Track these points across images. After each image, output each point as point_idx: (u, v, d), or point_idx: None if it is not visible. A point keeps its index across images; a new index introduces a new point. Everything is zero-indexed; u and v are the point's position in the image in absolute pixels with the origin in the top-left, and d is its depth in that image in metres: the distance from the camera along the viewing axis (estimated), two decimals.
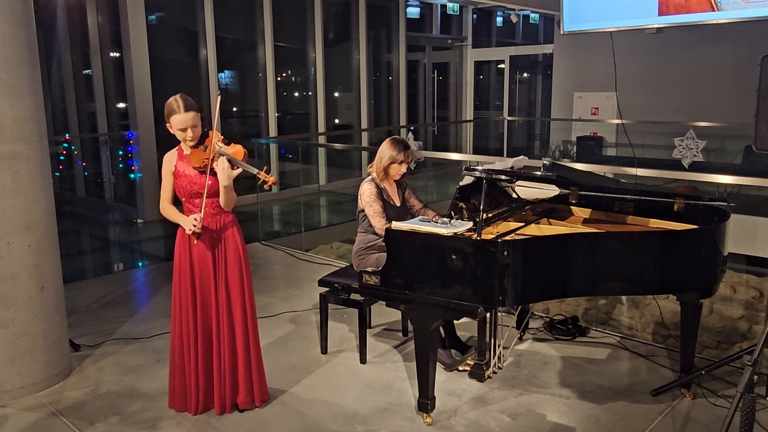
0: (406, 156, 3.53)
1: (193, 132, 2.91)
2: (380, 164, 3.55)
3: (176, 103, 2.88)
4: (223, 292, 3.00)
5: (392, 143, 3.55)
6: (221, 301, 3.00)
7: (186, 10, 8.48)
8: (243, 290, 3.04)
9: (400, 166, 3.54)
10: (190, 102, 2.91)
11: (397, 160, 3.52)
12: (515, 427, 3.01)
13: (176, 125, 2.89)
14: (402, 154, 3.52)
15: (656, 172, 4.51)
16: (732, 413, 2.25)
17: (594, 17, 4.84)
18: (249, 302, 3.07)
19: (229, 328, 3.02)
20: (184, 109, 2.87)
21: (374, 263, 3.38)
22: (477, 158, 6.76)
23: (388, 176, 3.59)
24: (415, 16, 12.11)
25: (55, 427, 3.05)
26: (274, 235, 7.17)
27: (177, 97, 2.90)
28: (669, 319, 4.42)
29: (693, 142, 6.87)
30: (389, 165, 3.53)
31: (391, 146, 3.54)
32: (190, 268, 2.98)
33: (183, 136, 2.92)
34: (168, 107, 2.90)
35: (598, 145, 10.78)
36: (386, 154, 3.53)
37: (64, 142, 9.17)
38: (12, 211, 3.21)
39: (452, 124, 13.19)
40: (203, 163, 2.89)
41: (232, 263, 3.01)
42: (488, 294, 2.72)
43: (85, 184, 9.36)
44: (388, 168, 3.54)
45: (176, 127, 2.90)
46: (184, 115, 2.87)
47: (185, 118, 2.88)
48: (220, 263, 3.00)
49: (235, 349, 3.05)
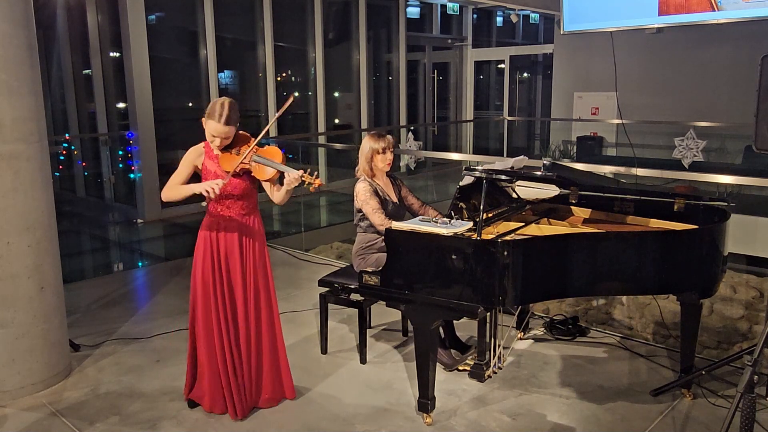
0: (386, 143, 3.53)
1: (221, 143, 2.86)
2: (364, 161, 3.55)
3: (221, 110, 2.79)
4: (251, 292, 3.01)
5: (369, 136, 3.56)
6: (249, 301, 3.01)
7: (186, 10, 8.48)
8: (269, 290, 3.07)
9: (384, 156, 3.53)
10: (235, 116, 2.83)
11: (378, 150, 3.51)
12: (515, 427, 3.01)
13: (210, 130, 2.84)
14: (381, 141, 3.52)
15: (656, 172, 4.51)
16: (732, 413, 2.25)
17: (594, 17, 4.83)
18: (274, 303, 3.10)
19: (256, 328, 3.04)
20: (225, 122, 2.80)
21: (374, 263, 3.38)
22: (477, 158, 6.76)
23: (377, 171, 3.58)
24: (415, 16, 12.10)
25: (55, 427, 3.05)
26: (274, 235, 7.17)
27: (225, 104, 2.81)
28: (669, 319, 4.42)
29: (693, 142, 6.87)
30: (373, 157, 3.53)
31: (368, 139, 3.55)
32: (218, 266, 2.95)
33: (211, 140, 2.87)
34: (211, 107, 2.82)
35: (598, 145, 10.78)
36: (366, 148, 3.53)
37: (64, 142, 9.17)
38: (12, 211, 3.21)
39: (452, 124, 13.19)
40: (239, 168, 2.84)
41: (259, 264, 3.03)
42: (488, 294, 2.72)
43: (85, 184, 9.36)
44: (373, 161, 3.54)
45: (210, 131, 2.84)
46: (222, 127, 2.81)
47: (221, 129, 2.81)
48: (247, 265, 3.00)
49: (261, 349, 3.06)
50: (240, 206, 2.97)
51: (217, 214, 2.97)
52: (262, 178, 2.90)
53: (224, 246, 2.96)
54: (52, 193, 3.48)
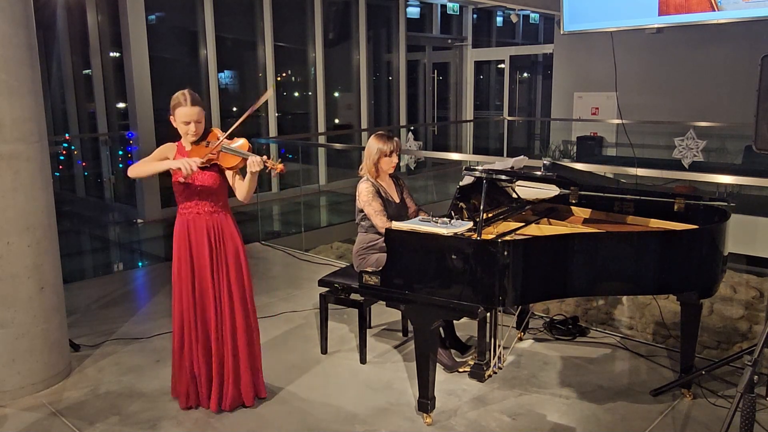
0: (393, 145, 3.53)
1: (196, 127, 2.93)
2: (370, 161, 3.54)
3: (183, 96, 2.90)
4: (224, 289, 3.01)
5: (376, 137, 3.55)
6: (221, 299, 3.01)
7: (186, 10, 8.48)
8: (243, 288, 3.06)
9: (390, 158, 3.53)
10: (197, 97, 2.94)
11: (386, 152, 3.51)
12: (515, 427, 3.01)
13: (180, 118, 2.91)
14: (388, 144, 3.51)
15: (656, 172, 4.51)
16: (732, 413, 2.25)
17: (594, 17, 4.83)
18: (250, 300, 3.09)
19: (230, 325, 3.03)
20: (191, 102, 2.90)
21: (374, 263, 3.38)
22: (477, 158, 6.76)
23: (381, 172, 3.58)
24: (415, 16, 12.10)
25: (55, 427, 3.05)
26: (274, 235, 7.16)
27: (184, 91, 2.93)
28: (669, 319, 4.42)
29: (693, 142, 6.88)
30: (379, 159, 3.53)
31: (376, 140, 3.54)
32: (190, 264, 2.99)
33: (185, 129, 2.93)
34: (174, 99, 2.92)
35: (598, 145, 10.78)
36: (374, 149, 3.53)
37: (64, 142, 9.17)
38: (12, 211, 3.21)
39: (452, 124, 13.19)
40: (206, 158, 2.90)
41: (231, 261, 3.02)
42: (488, 294, 2.71)
43: (85, 184, 9.36)
44: (378, 163, 3.54)
45: (180, 119, 2.91)
46: (190, 109, 2.89)
47: (191, 111, 2.89)
48: (219, 261, 3.01)
49: (236, 346, 3.06)
50: (209, 204, 2.98)
51: (186, 211, 2.99)
52: (227, 165, 2.93)
53: (195, 243, 2.98)
54: (52, 193, 3.48)
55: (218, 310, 3.02)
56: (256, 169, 2.87)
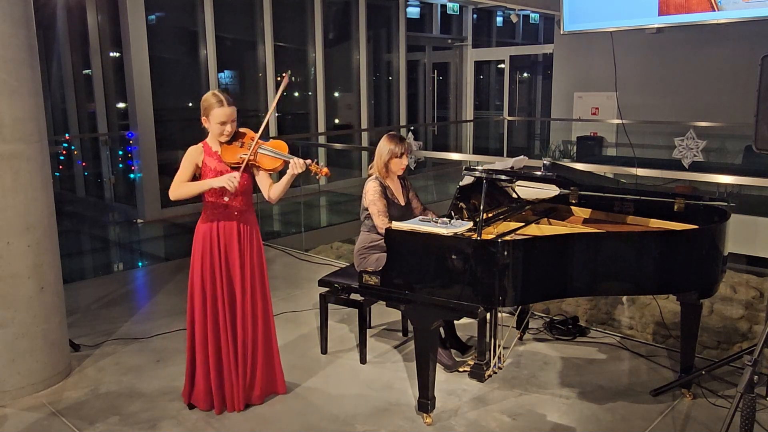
0: (404, 148, 3.54)
1: (232, 127, 2.92)
2: (380, 161, 3.55)
3: (216, 97, 2.89)
4: (248, 288, 3.03)
5: (388, 138, 3.57)
6: (246, 295, 3.03)
7: (186, 10, 8.48)
8: (264, 285, 3.10)
9: (400, 160, 3.54)
10: (230, 97, 2.93)
11: (397, 153, 3.52)
12: (515, 427, 3.01)
13: (217, 118, 2.88)
14: (400, 146, 3.53)
15: (656, 172, 4.51)
16: (732, 413, 2.25)
17: (594, 17, 4.83)
18: (269, 298, 3.14)
19: (252, 323, 3.06)
20: (228, 103, 2.89)
21: (374, 263, 3.38)
22: (477, 158, 6.76)
23: (390, 173, 3.59)
24: (415, 16, 12.10)
25: (55, 427, 3.05)
26: (274, 235, 7.16)
27: (216, 92, 2.92)
28: (669, 319, 4.42)
29: (693, 142, 6.87)
30: (389, 160, 3.54)
31: (388, 141, 3.55)
32: (212, 267, 2.97)
33: (221, 130, 2.90)
34: (206, 101, 2.89)
35: (598, 145, 10.78)
36: (385, 149, 3.54)
37: (64, 142, 9.16)
38: (12, 211, 3.21)
39: (452, 124, 13.18)
40: (240, 159, 2.88)
41: (255, 263, 3.05)
42: (488, 294, 2.71)
43: (85, 184, 9.36)
44: (388, 163, 3.55)
45: (217, 120, 2.88)
46: (228, 109, 2.88)
47: (228, 111, 2.88)
48: (245, 263, 3.01)
49: (256, 344, 3.09)
50: (240, 201, 2.99)
51: (217, 209, 2.97)
52: (267, 167, 2.92)
53: (224, 241, 2.98)
54: (52, 193, 3.48)
55: (244, 307, 3.03)
56: (299, 171, 2.85)
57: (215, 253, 2.97)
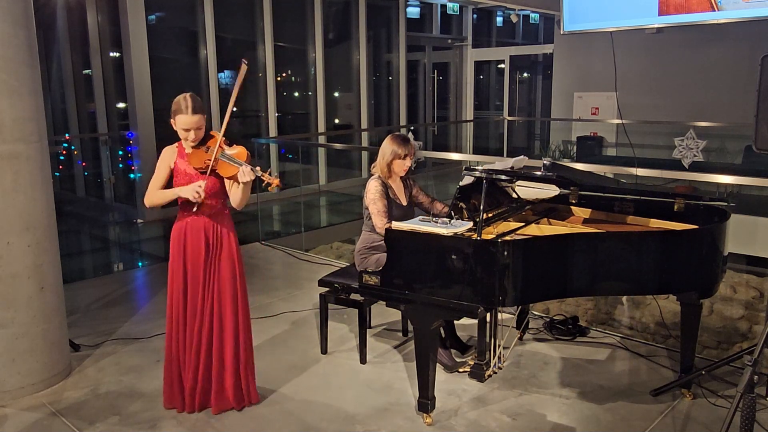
0: (408, 149, 3.53)
1: (196, 134, 2.90)
2: (383, 161, 3.54)
3: (185, 102, 2.86)
4: (214, 292, 3.01)
5: (393, 139, 3.55)
6: (210, 302, 3.01)
7: (186, 10, 8.48)
8: (235, 291, 3.04)
9: (403, 161, 3.53)
10: (198, 104, 2.89)
11: (400, 155, 3.51)
12: (515, 427, 3.01)
13: (180, 125, 2.89)
14: (404, 148, 3.51)
15: (656, 172, 4.51)
16: (732, 413, 2.25)
17: (594, 17, 4.83)
18: (242, 304, 3.07)
19: (218, 328, 3.03)
20: (192, 111, 2.86)
21: (374, 263, 3.38)
22: (477, 158, 6.76)
23: (392, 173, 3.58)
24: (415, 16, 12.10)
25: (55, 427, 3.05)
26: (274, 235, 7.16)
27: (187, 96, 2.88)
28: (669, 319, 4.42)
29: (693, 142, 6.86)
30: (392, 161, 3.52)
31: (392, 142, 3.54)
32: (183, 268, 3.00)
33: (185, 136, 2.91)
34: (175, 104, 2.89)
35: (598, 145, 10.77)
36: (388, 150, 3.52)
37: (64, 142, 9.17)
38: (12, 211, 3.21)
39: (452, 124, 13.19)
40: (204, 164, 2.90)
41: (224, 265, 3.01)
42: (488, 294, 2.71)
43: (85, 184, 9.36)
44: (391, 164, 3.53)
45: (180, 126, 2.89)
46: (190, 117, 2.86)
47: (190, 120, 2.86)
48: (212, 264, 3.00)
49: (222, 350, 3.05)
50: (207, 207, 2.98)
51: (187, 210, 2.98)
52: (225, 175, 2.92)
53: (191, 241, 2.98)
54: (52, 193, 3.48)
55: (209, 314, 3.01)
56: (245, 179, 2.84)
57: (181, 254, 2.99)
